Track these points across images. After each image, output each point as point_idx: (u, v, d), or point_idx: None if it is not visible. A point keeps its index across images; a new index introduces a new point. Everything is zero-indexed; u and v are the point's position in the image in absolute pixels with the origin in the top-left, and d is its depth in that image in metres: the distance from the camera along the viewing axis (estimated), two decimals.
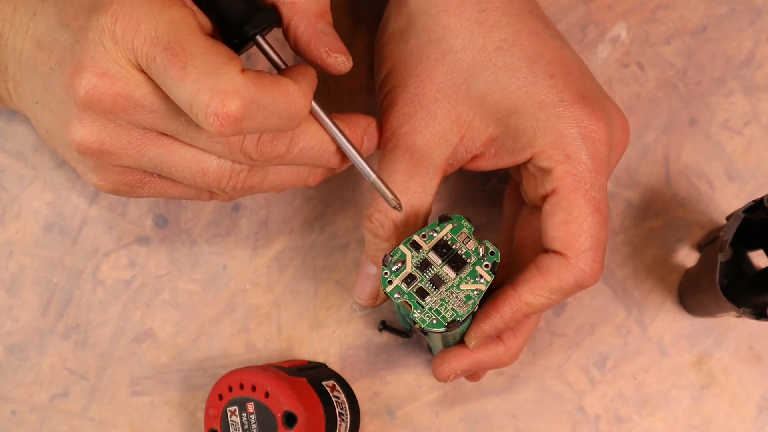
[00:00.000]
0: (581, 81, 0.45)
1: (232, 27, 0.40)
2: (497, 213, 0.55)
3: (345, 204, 0.55)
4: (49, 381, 0.54)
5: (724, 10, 0.56)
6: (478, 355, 0.46)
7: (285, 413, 0.47)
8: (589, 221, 0.43)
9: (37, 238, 0.55)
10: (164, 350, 0.54)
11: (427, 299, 0.42)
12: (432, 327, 0.42)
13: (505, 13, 0.45)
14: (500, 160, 0.45)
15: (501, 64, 0.44)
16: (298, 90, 0.39)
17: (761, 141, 0.55)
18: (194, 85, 0.36)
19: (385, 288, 0.42)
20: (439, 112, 0.45)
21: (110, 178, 0.43)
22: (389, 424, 0.54)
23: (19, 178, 0.55)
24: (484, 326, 0.44)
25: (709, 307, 0.50)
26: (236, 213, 0.55)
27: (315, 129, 0.42)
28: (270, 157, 0.41)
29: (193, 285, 0.55)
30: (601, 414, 0.53)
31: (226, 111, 0.36)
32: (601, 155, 0.44)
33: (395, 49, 0.46)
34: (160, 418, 0.54)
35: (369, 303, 0.48)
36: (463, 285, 0.42)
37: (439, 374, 0.47)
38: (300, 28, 0.42)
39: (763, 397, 0.53)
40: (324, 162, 0.43)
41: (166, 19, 0.37)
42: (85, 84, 0.38)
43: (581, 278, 0.43)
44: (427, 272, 0.42)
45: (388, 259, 0.42)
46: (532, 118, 0.44)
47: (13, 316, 0.55)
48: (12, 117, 0.56)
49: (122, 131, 0.40)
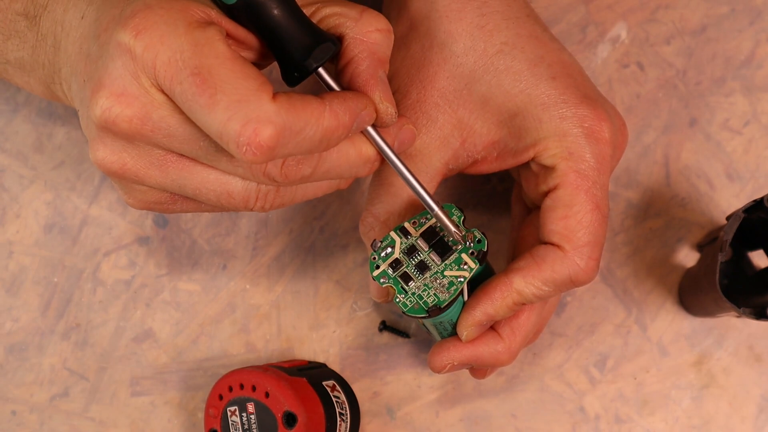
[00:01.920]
0: (582, 83, 0.45)
1: (293, 61, 0.39)
2: (497, 213, 0.55)
3: (345, 204, 0.55)
4: (49, 381, 0.54)
5: (724, 10, 0.56)
6: (475, 349, 0.46)
7: (285, 413, 0.47)
8: (588, 218, 0.43)
9: (37, 238, 0.55)
10: (164, 350, 0.54)
11: (410, 284, 0.42)
12: (413, 312, 0.42)
13: (504, 17, 0.45)
14: (503, 163, 0.45)
15: (503, 68, 0.44)
16: (330, 111, 0.37)
17: (761, 141, 0.55)
18: (225, 113, 0.35)
19: (372, 272, 0.43)
20: (440, 117, 0.45)
21: (139, 197, 0.42)
22: (389, 424, 0.54)
23: (19, 178, 0.55)
24: (476, 313, 0.44)
25: (709, 307, 0.50)
26: (236, 213, 0.55)
27: (343, 145, 0.40)
28: (295, 179, 0.39)
29: (193, 285, 0.55)
30: (601, 414, 0.53)
31: (259, 141, 0.35)
32: (605, 155, 0.44)
33: (396, 54, 0.46)
34: (160, 418, 0.54)
35: (383, 300, 0.48)
36: (447, 271, 0.42)
37: (434, 364, 0.46)
38: (362, 66, 0.40)
39: (763, 397, 0.53)
40: (352, 174, 0.42)
41: (192, 41, 0.36)
42: (101, 104, 0.37)
43: (575, 273, 0.43)
44: (414, 258, 0.43)
45: (377, 244, 0.43)
46: (535, 119, 0.44)
47: (13, 316, 0.55)
48: (12, 117, 0.56)
49: (142, 153, 0.39)
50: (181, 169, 0.40)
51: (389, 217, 0.45)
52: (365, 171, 0.42)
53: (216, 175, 0.40)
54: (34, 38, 0.43)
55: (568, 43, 0.55)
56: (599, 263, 0.44)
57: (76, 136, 0.56)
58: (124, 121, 0.37)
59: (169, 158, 0.39)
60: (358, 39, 0.40)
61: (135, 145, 0.39)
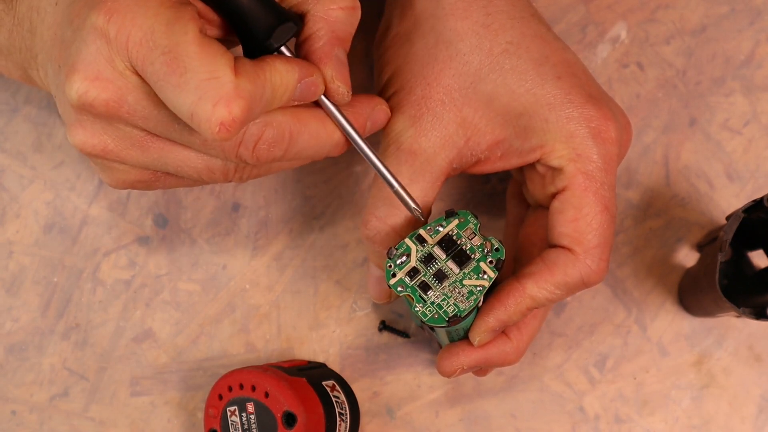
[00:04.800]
0: (587, 82, 0.45)
1: (255, 40, 0.39)
2: (497, 212, 0.55)
3: (345, 204, 0.55)
4: (49, 381, 0.54)
5: (724, 10, 0.56)
6: (485, 351, 0.46)
7: (285, 413, 0.47)
8: (598, 219, 0.43)
9: (37, 238, 0.55)
10: (164, 350, 0.54)
11: (429, 293, 0.42)
12: (433, 321, 0.42)
13: (509, 16, 0.45)
14: (506, 162, 0.45)
15: (508, 67, 0.44)
16: (287, 68, 0.38)
17: (761, 141, 0.55)
18: (195, 93, 0.35)
19: (389, 281, 0.42)
20: (445, 115, 0.44)
21: (120, 177, 0.42)
22: (389, 424, 0.54)
23: (19, 178, 0.55)
24: (489, 320, 0.44)
25: (709, 307, 0.50)
26: (236, 213, 0.55)
27: (314, 127, 0.41)
28: (267, 161, 0.40)
29: (193, 285, 0.55)
30: (601, 414, 0.53)
31: (232, 117, 0.36)
32: (611, 154, 0.44)
33: (399, 51, 0.46)
34: (160, 418, 0.54)
35: (384, 301, 0.48)
36: (466, 280, 0.42)
37: (444, 369, 0.47)
38: (318, 43, 0.41)
39: (763, 397, 0.53)
40: (323, 155, 0.42)
41: (164, 20, 0.36)
42: (76, 88, 0.37)
43: (587, 275, 0.43)
44: (431, 266, 0.42)
45: (392, 252, 0.42)
46: (541, 119, 0.44)
47: (13, 316, 0.55)
48: (12, 117, 0.56)
49: (122, 134, 0.39)
50: (162, 149, 0.40)
51: (392, 220, 0.45)
52: (336, 152, 0.43)
53: (196, 153, 0.40)
54: (10, 22, 0.43)
55: (568, 43, 0.55)
56: (609, 263, 0.44)
57: None
58: (101, 104, 0.38)
59: (149, 138, 0.40)
60: (318, 16, 0.41)
61: (114, 126, 0.39)
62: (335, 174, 0.55)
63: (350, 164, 0.55)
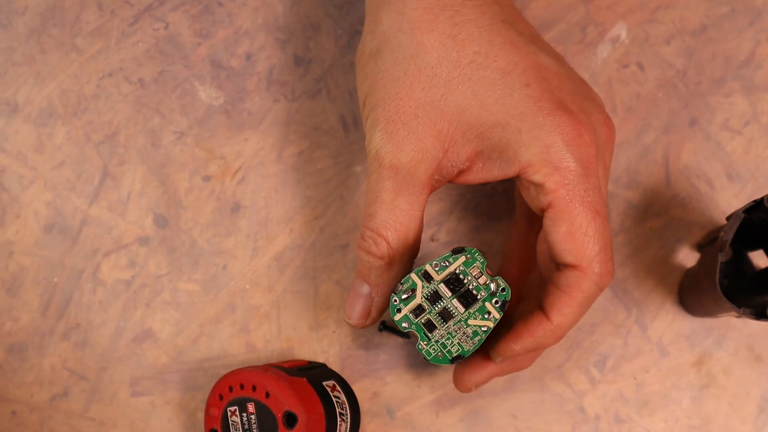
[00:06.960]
0: (557, 85, 0.45)
1: None
2: (497, 213, 0.55)
3: (345, 204, 0.55)
4: (49, 381, 0.54)
5: (724, 10, 0.56)
6: (502, 368, 0.47)
7: (285, 413, 0.47)
8: (592, 226, 0.43)
9: (37, 238, 0.55)
10: (164, 350, 0.54)
11: (434, 332, 0.42)
12: (437, 361, 0.42)
13: (477, 25, 0.44)
14: (488, 174, 0.45)
15: (476, 78, 0.44)
16: None
17: (761, 141, 0.55)
18: None
19: (394, 316, 0.43)
20: (420, 129, 0.44)
21: None
22: (389, 424, 0.54)
23: (19, 178, 0.55)
24: (515, 347, 0.45)
25: (709, 307, 0.50)
26: (236, 213, 0.55)
27: None
28: None
29: (193, 285, 0.55)
30: (601, 414, 0.53)
31: None
32: (588, 158, 0.44)
33: (373, 68, 0.46)
34: (160, 418, 0.54)
35: (359, 323, 0.47)
36: (471, 320, 0.42)
37: (462, 386, 0.48)
38: None
39: (763, 397, 0.53)
40: None
41: None
42: None
43: (600, 282, 0.44)
44: (437, 305, 0.42)
45: (398, 287, 0.43)
46: (514, 131, 0.43)
47: (13, 316, 0.55)
48: (12, 117, 0.56)
49: None
50: None
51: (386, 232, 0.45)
52: None
53: None
54: None
55: (568, 43, 0.55)
56: (613, 260, 0.45)
57: (76, 136, 0.56)
58: None
59: None
60: None
61: None
62: (336, 174, 0.55)
63: (351, 164, 0.55)
